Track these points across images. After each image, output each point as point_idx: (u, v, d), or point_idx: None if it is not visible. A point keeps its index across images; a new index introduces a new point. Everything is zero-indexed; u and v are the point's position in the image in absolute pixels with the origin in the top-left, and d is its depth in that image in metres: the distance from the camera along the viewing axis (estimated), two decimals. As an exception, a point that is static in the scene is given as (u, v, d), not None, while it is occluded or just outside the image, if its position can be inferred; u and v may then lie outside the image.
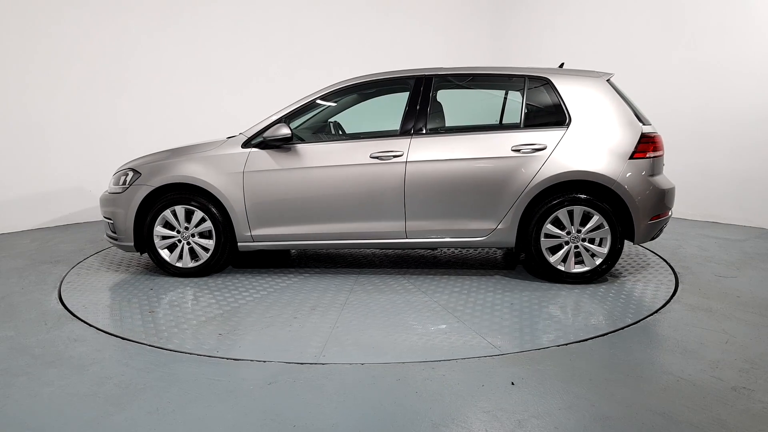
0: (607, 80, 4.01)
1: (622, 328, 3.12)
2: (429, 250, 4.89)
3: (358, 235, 3.98)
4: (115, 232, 4.12)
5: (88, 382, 2.55)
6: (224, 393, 2.43)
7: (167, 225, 4.04)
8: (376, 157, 3.86)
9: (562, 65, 4.30)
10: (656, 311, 3.39)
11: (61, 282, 4.11)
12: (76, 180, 6.21)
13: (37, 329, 3.20)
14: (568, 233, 3.85)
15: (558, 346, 2.89)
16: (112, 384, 2.53)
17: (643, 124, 3.92)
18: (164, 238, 4.06)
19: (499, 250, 4.90)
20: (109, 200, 4.16)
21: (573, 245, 3.85)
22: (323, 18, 7.51)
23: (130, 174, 4.08)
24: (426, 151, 3.86)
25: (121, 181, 4.10)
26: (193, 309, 3.49)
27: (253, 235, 3.99)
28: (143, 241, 4.07)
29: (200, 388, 2.48)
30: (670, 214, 4.05)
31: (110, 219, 4.13)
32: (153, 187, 3.97)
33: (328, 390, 2.45)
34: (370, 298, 3.67)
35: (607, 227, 3.79)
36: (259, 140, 3.96)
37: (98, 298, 3.73)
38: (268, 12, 7.15)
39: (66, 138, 6.10)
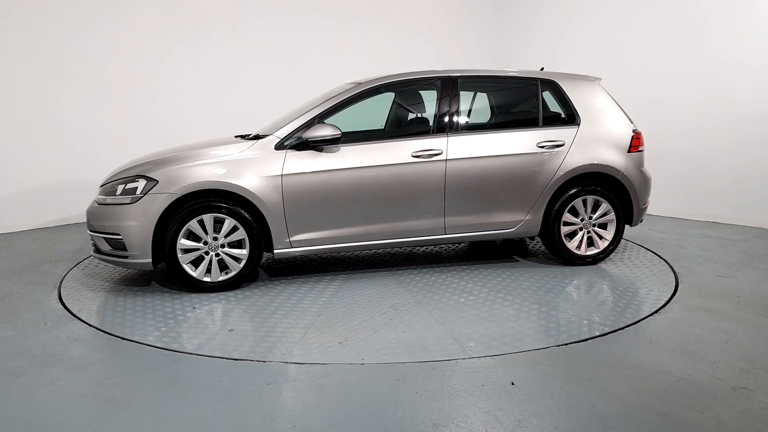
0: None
1: (622, 328, 3.12)
2: (425, 247, 4.89)
3: (399, 234, 3.99)
4: (123, 249, 3.63)
5: (88, 382, 2.55)
6: (224, 393, 2.43)
7: (190, 236, 3.65)
8: (417, 156, 3.91)
9: (542, 69, 4.63)
10: (656, 311, 3.39)
11: (61, 282, 4.10)
12: (77, 180, 6.20)
13: (37, 329, 3.19)
14: (582, 220, 4.29)
15: (558, 346, 2.89)
16: (112, 384, 2.52)
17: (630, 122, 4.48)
18: (186, 251, 3.65)
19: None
20: (112, 213, 3.64)
21: (586, 231, 4.32)
22: (322, 18, 7.50)
23: (142, 182, 3.62)
24: (463, 149, 4.01)
25: (122, 191, 3.64)
26: (276, 321, 3.25)
27: (291, 241, 3.79)
28: (161, 256, 3.65)
29: (200, 388, 2.48)
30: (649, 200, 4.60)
31: (115, 234, 3.61)
32: (177, 196, 3.56)
33: (328, 390, 2.44)
34: (436, 295, 3.69)
35: (612, 213, 4.30)
36: (294, 141, 3.78)
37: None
38: (266, 12, 7.15)
39: (66, 137, 6.10)
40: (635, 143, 4.35)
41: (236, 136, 4.58)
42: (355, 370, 2.63)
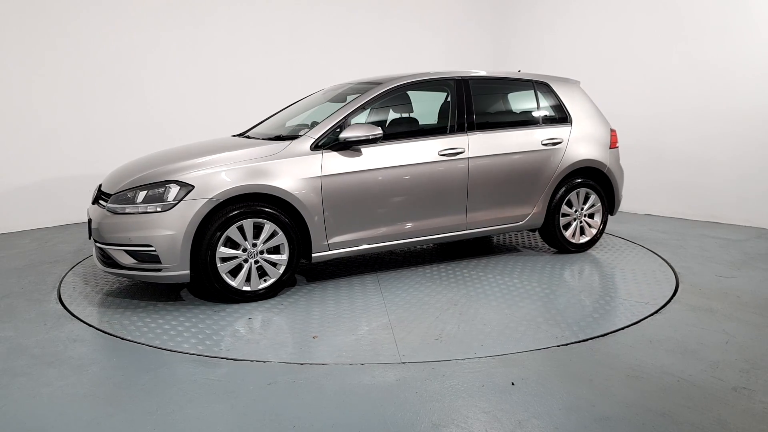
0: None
1: (623, 328, 3.11)
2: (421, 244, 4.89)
3: (428, 231, 4.08)
4: (155, 261, 3.33)
5: (88, 382, 2.54)
6: (224, 393, 2.42)
7: (226, 243, 3.45)
8: (444, 154, 4.02)
9: (519, 71, 4.85)
10: (656, 311, 3.38)
11: (61, 282, 4.09)
12: (76, 179, 6.20)
13: (37, 329, 3.19)
14: (575, 211, 4.67)
15: (558, 346, 2.88)
16: (112, 384, 2.52)
17: None
18: (224, 259, 3.44)
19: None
20: (138, 222, 3.34)
21: (579, 221, 4.71)
22: (323, 18, 7.50)
23: (175, 187, 3.36)
24: (481, 147, 4.19)
25: (146, 197, 3.38)
26: (351, 325, 3.20)
27: (329, 243, 3.73)
28: (196, 266, 3.40)
29: (200, 388, 2.47)
30: None
31: (146, 246, 3.31)
32: (218, 201, 3.35)
33: (328, 390, 2.44)
34: (479, 289, 3.81)
35: (599, 204, 4.74)
36: (330, 141, 3.71)
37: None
38: (267, 11, 7.14)
39: (66, 138, 6.09)
40: (613, 140, 4.83)
41: (233, 135, 4.58)
42: (355, 370, 2.62)
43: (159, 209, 3.33)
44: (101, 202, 3.64)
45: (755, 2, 5.63)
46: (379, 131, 3.72)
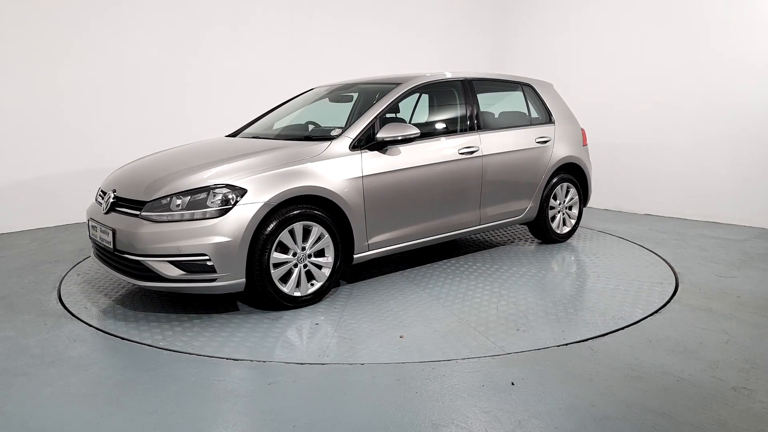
0: None
1: (622, 328, 3.12)
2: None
3: (450, 227, 4.19)
4: (209, 271, 3.10)
5: (88, 382, 2.55)
6: (224, 393, 2.43)
7: (276, 248, 3.31)
8: (462, 153, 4.15)
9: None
10: (656, 311, 3.39)
11: (61, 282, 4.09)
12: (77, 179, 6.20)
13: (37, 329, 3.19)
14: (559, 204, 5.00)
15: (558, 346, 2.89)
16: (112, 384, 2.52)
17: None
18: (276, 265, 3.29)
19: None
20: (187, 231, 3.07)
21: (562, 213, 5.05)
22: (322, 19, 7.50)
23: (227, 192, 3.15)
24: (490, 145, 4.35)
25: (189, 203, 3.13)
26: (424, 320, 3.22)
27: (369, 243, 3.70)
28: (252, 274, 3.23)
29: (200, 388, 2.48)
30: None
31: (199, 255, 3.07)
32: (273, 205, 3.20)
33: (328, 390, 2.44)
34: (511, 281, 3.98)
35: (576, 197, 5.12)
36: (366, 141, 3.68)
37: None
38: (266, 12, 7.14)
39: (66, 137, 6.09)
40: (584, 138, 5.18)
41: (226, 136, 4.58)
42: (355, 370, 2.63)
43: (209, 215, 3.10)
44: (121, 209, 3.39)
45: (757, 2, 5.64)
46: (415, 130, 3.72)
